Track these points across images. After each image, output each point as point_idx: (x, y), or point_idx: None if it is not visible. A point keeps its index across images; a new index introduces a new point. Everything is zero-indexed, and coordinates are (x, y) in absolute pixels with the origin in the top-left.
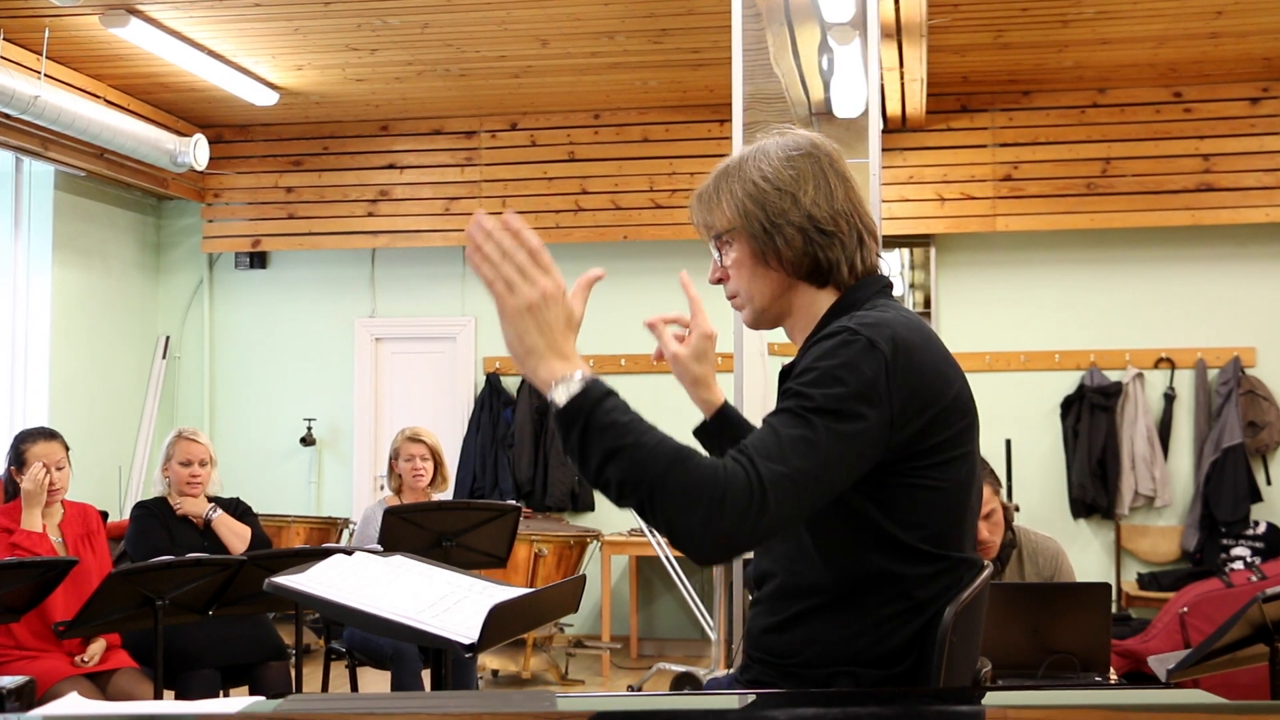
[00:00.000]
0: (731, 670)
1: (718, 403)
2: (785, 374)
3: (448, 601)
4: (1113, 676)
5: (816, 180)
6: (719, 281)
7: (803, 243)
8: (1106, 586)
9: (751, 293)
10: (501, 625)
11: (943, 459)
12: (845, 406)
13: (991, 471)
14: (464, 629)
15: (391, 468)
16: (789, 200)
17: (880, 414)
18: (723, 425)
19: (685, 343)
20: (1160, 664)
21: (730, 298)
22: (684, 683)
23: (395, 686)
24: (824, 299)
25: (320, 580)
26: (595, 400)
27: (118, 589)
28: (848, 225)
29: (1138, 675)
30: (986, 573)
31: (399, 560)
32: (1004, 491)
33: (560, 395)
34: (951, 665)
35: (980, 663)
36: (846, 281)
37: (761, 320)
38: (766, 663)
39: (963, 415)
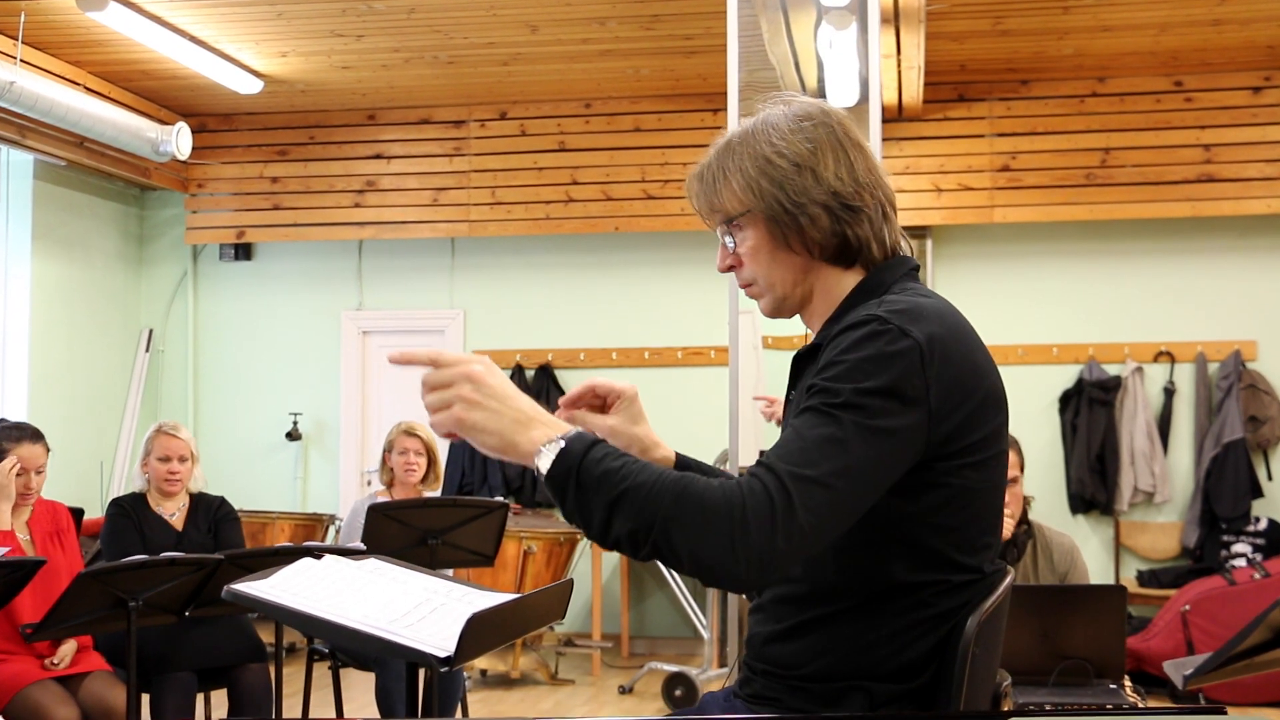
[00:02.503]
0: (728, 681)
1: (671, 457)
2: (800, 359)
3: (423, 610)
4: (1127, 684)
5: (835, 151)
6: (730, 269)
7: (829, 222)
8: (1121, 589)
9: (772, 280)
10: (481, 636)
11: (978, 458)
12: (876, 402)
13: (1014, 440)
14: (440, 640)
15: (384, 461)
16: (809, 176)
17: (917, 409)
18: None
19: (613, 410)
20: (1176, 669)
21: (745, 286)
22: (676, 684)
23: (379, 689)
24: (848, 280)
25: (284, 587)
26: (579, 456)
27: (88, 590)
28: (872, 198)
29: (1139, 675)
30: (1008, 580)
31: (373, 564)
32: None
33: (543, 463)
34: (972, 680)
35: (1000, 676)
36: (877, 260)
37: (783, 309)
38: (770, 675)
39: (998, 410)
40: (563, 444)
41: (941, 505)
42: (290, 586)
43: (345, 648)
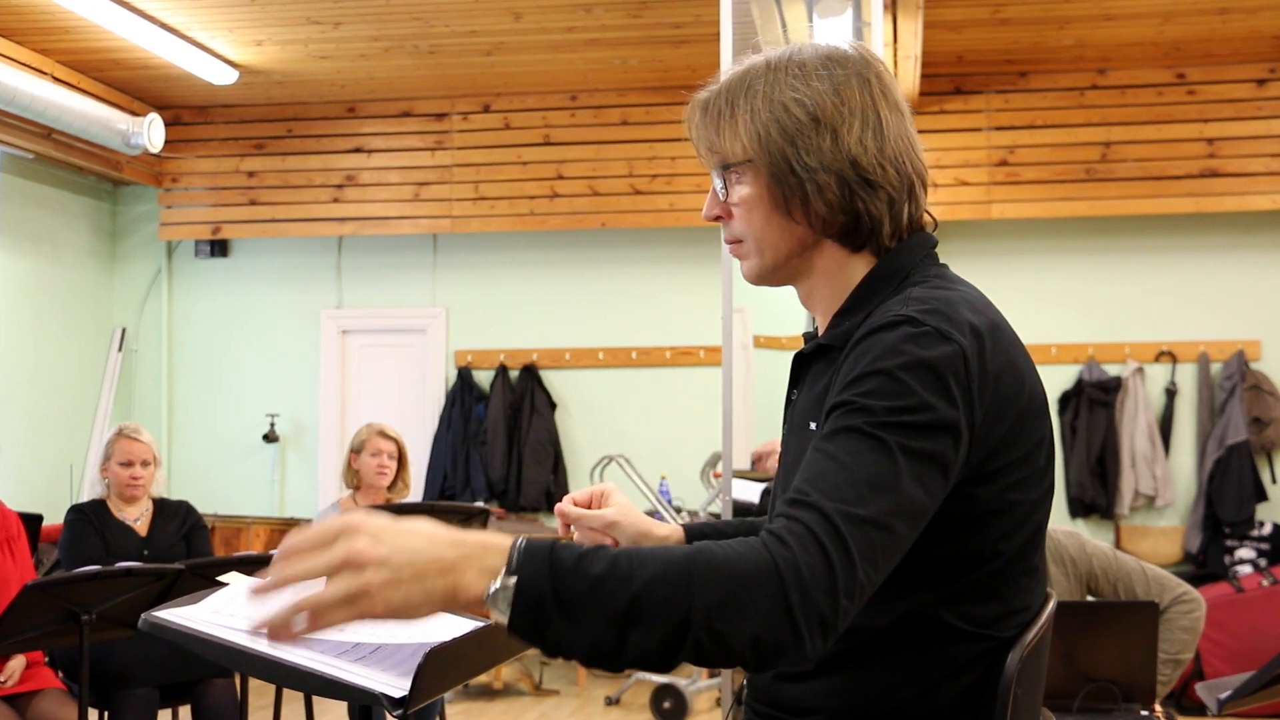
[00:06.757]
0: (725, 716)
1: (679, 535)
2: (804, 359)
3: (378, 638)
4: (1158, 709)
5: (864, 113)
6: (716, 219)
7: (840, 194)
8: (1153, 606)
9: (762, 243)
10: (441, 672)
11: (1025, 474)
12: (921, 419)
13: None
14: (393, 676)
15: (350, 463)
16: (828, 137)
17: (962, 425)
18: None
19: (604, 504)
20: (1210, 692)
21: (730, 242)
22: (665, 695)
23: (353, 707)
24: (857, 264)
25: (213, 614)
26: (546, 579)
27: (36, 602)
28: (898, 174)
29: None
30: (1051, 606)
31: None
32: None
33: (501, 604)
34: None
35: (1044, 716)
36: (886, 245)
37: (769, 277)
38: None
39: (1042, 419)
40: (515, 574)
41: (982, 529)
42: (221, 614)
43: (284, 685)
